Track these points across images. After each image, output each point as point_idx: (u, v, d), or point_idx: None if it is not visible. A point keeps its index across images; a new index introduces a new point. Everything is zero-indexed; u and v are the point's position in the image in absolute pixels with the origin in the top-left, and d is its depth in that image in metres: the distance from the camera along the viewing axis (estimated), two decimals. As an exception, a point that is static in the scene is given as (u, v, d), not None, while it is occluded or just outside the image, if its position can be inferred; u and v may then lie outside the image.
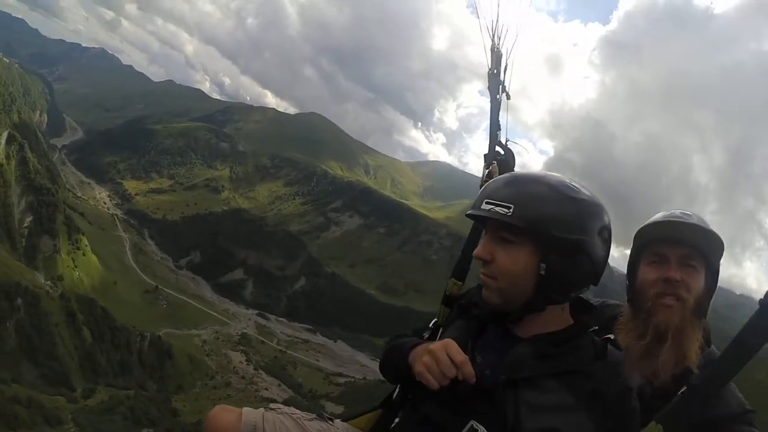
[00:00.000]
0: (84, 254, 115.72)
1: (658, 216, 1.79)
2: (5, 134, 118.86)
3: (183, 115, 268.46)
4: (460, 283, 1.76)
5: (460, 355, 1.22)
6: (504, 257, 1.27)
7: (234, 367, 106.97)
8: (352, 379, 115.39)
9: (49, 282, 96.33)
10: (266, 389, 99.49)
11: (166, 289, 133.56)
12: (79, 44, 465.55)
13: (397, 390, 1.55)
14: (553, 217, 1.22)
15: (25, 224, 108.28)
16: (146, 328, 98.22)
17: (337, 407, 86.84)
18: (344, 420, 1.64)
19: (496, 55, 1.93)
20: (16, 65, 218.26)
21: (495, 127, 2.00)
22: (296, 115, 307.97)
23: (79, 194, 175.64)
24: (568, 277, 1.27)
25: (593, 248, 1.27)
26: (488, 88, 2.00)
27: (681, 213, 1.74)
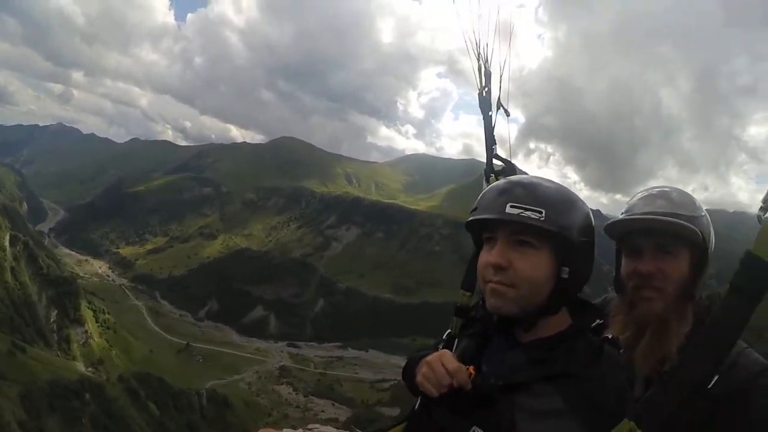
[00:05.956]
0: (114, 332, 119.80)
1: (635, 201, 1.74)
2: (7, 237, 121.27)
3: (157, 169, 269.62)
4: (469, 293, 1.73)
5: (452, 364, 1.27)
6: (523, 263, 1.24)
7: (285, 399, 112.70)
8: (395, 381, 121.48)
9: (90, 369, 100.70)
10: (323, 411, 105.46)
11: (196, 344, 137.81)
12: (37, 124, 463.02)
13: (418, 401, 1.54)
14: (577, 221, 1.27)
15: (52, 319, 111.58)
16: (195, 386, 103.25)
17: (393, 410, 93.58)
18: None
19: (485, 75, 1.91)
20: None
21: (491, 143, 1.97)
22: (267, 143, 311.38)
23: (81, 273, 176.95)
24: (581, 279, 1.31)
25: (594, 248, 1.33)
26: (480, 106, 1.98)
27: (659, 192, 1.71)
